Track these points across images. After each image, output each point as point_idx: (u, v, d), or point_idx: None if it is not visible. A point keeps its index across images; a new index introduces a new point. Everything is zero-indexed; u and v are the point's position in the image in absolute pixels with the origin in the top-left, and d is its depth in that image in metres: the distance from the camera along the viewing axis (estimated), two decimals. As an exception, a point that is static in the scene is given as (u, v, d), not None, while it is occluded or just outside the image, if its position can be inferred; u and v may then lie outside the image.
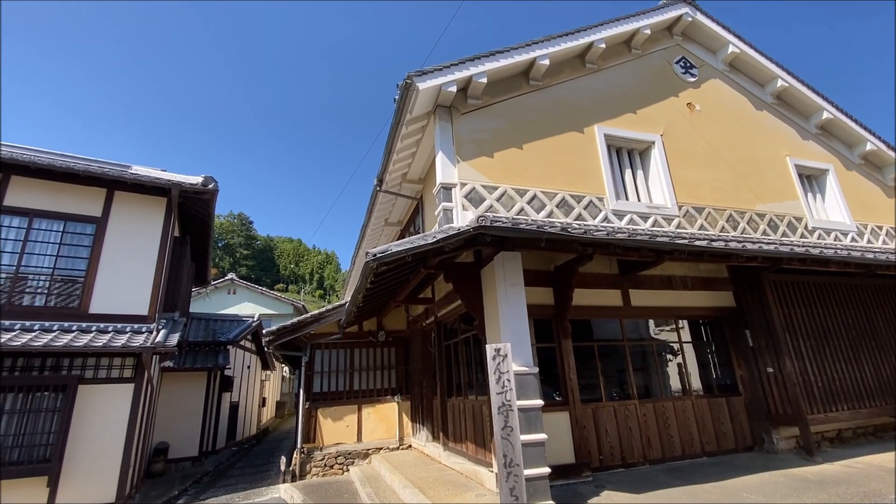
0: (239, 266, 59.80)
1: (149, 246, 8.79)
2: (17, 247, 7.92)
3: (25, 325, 7.55)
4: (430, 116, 7.11)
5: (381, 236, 11.90)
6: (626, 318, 7.21)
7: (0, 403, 7.00)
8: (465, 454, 6.95)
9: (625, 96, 8.27)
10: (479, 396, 6.52)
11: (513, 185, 6.78)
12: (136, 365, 7.91)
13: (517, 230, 4.44)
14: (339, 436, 9.43)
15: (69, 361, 7.53)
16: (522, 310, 5.17)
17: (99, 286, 8.22)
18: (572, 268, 6.07)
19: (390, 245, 4.70)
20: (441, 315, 8.08)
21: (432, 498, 5.36)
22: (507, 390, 4.14)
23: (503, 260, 5.26)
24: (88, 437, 7.40)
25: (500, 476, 4.00)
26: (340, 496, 7.00)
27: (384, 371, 10.40)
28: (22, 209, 8.12)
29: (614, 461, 6.34)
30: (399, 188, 9.18)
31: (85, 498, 7.20)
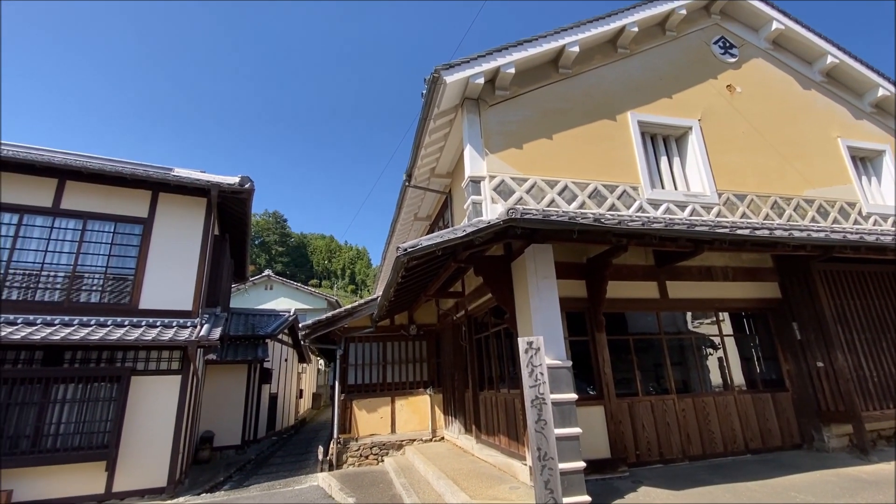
0: (274, 263, 61.73)
1: (191, 244, 9.22)
2: (74, 247, 8.49)
3: (83, 321, 8.09)
4: (458, 109, 7.09)
5: (410, 231, 12.00)
6: (662, 310, 7.00)
7: (63, 393, 7.57)
8: (497, 447, 6.96)
9: (659, 81, 7.97)
10: (512, 390, 6.51)
11: (543, 177, 6.67)
12: (182, 358, 8.34)
13: (548, 222, 4.38)
14: (374, 427, 9.64)
15: (122, 354, 8.04)
16: (554, 303, 5.10)
17: (147, 283, 8.71)
18: (606, 260, 5.94)
19: (420, 239, 4.73)
20: (471, 309, 8.09)
21: (466, 489, 5.40)
22: (540, 383, 4.11)
23: (534, 252, 5.20)
24: (141, 425, 7.88)
25: (535, 469, 3.98)
26: (376, 486, 7.15)
27: (416, 364, 10.53)
28: (77, 212, 8.68)
29: (652, 457, 6.19)
30: (427, 183, 9.21)
31: (139, 483, 7.69)
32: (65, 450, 7.34)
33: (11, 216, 8.29)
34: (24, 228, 8.31)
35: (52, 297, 8.19)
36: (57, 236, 8.45)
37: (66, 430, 7.44)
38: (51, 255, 8.34)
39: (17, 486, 7.02)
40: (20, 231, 8.27)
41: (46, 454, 7.20)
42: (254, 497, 7.44)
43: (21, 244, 8.23)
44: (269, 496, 7.39)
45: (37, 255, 8.26)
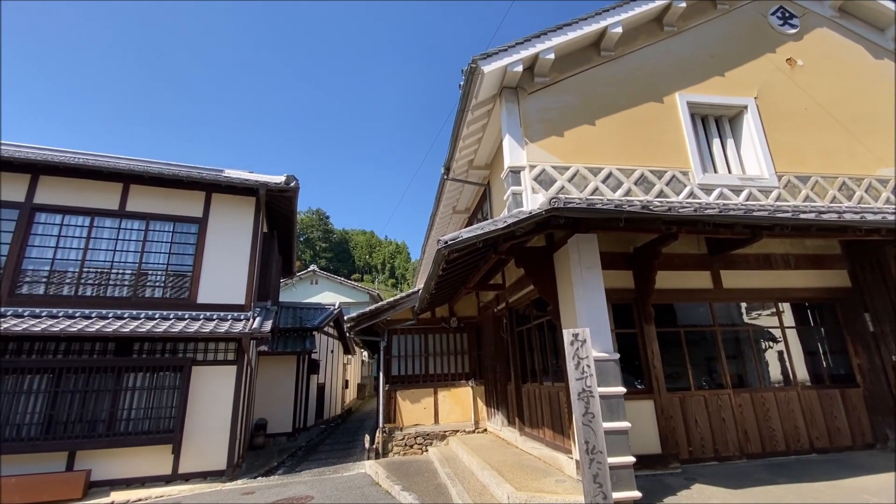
0: (318, 258, 63.75)
1: (242, 241, 9.69)
2: (139, 246, 9.13)
3: (148, 314, 8.70)
4: (496, 99, 7.00)
5: (449, 224, 12.03)
6: (716, 301, 6.66)
7: (133, 381, 8.20)
8: (542, 440, 6.90)
9: (710, 58, 7.51)
10: (556, 383, 6.42)
11: (585, 164, 6.48)
12: (237, 349, 8.81)
13: (593, 210, 4.25)
14: (417, 417, 9.81)
15: (184, 345, 8.59)
16: (600, 294, 4.96)
17: (204, 279, 9.25)
18: (654, 249, 5.70)
19: (461, 232, 4.73)
20: (512, 301, 8.02)
21: (511, 481, 5.40)
22: (587, 376, 4.02)
23: (578, 242, 5.07)
24: (201, 412, 8.41)
25: (582, 463, 3.92)
26: (421, 475, 7.28)
27: (457, 356, 10.60)
28: (140, 213, 9.32)
29: (706, 454, 5.94)
30: (466, 175, 9.18)
31: (201, 465, 8.22)
32: (136, 433, 7.96)
33: (84, 219, 9.02)
34: (95, 230, 9.03)
35: (122, 293, 8.87)
36: (123, 236, 9.13)
37: (136, 416, 8.06)
38: (119, 254, 9.02)
39: (95, 466, 7.69)
40: (92, 232, 8.99)
41: (120, 437, 7.84)
42: (306, 482, 7.78)
43: (93, 244, 8.94)
44: (320, 482, 7.69)
45: (107, 254, 8.96)
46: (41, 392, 7.71)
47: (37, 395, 7.69)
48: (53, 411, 7.67)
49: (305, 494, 6.66)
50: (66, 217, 8.93)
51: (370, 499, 6.24)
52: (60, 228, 8.84)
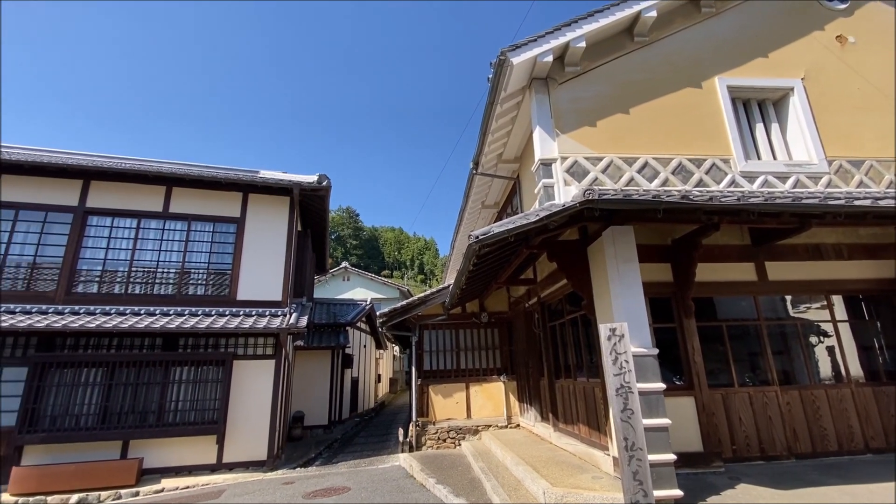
0: (349, 255, 64.95)
1: (278, 240, 9.99)
2: (181, 246, 9.56)
3: (192, 311, 9.10)
4: (525, 91, 6.90)
5: (478, 219, 11.99)
6: (761, 294, 6.36)
7: (179, 374, 8.61)
8: (577, 436, 6.81)
9: (752, 39, 7.14)
10: (591, 379, 6.31)
11: (620, 155, 6.30)
12: (275, 344, 9.11)
13: (630, 201, 4.13)
14: (450, 412, 9.86)
15: (225, 340, 8.95)
16: (637, 288, 4.83)
17: (242, 277, 9.60)
18: (694, 240, 5.50)
19: (492, 226, 4.70)
20: (544, 296, 7.93)
21: (546, 476, 5.36)
22: (626, 371, 3.93)
23: (613, 235, 4.95)
24: (242, 404, 8.75)
25: (621, 460, 3.84)
26: (455, 468, 7.33)
27: (488, 351, 10.58)
28: (182, 214, 9.75)
29: (751, 452, 5.71)
30: (495, 169, 9.11)
31: (243, 455, 8.56)
32: (183, 424, 8.37)
33: (132, 220, 9.51)
34: (142, 231, 9.51)
35: (167, 291, 9.31)
36: (168, 237, 9.57)
37: (183, 407, 8.48)
38: (164, 253, 9.47)
39: (146, 454, 8.14)
40: (139, 233, 9.47)
41: (168, 427, 8.27)
42: (342, 473, 7.97)
43: (140, 245, 9.42)
44: (356, 473, 7.87)
45: (153, 254, 9.43)
46: (97, 384, 8.21)
47: (93, 388, 8.19)
48: (108, 402, 8.15)
49: (343, 485, 6.82)
50: (115, 219, 9.44)
51: (405, 491, 6.33)
52: (110, 230, 9.36)
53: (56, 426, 7.87)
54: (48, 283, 8.80)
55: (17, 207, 9.02)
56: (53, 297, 8.72)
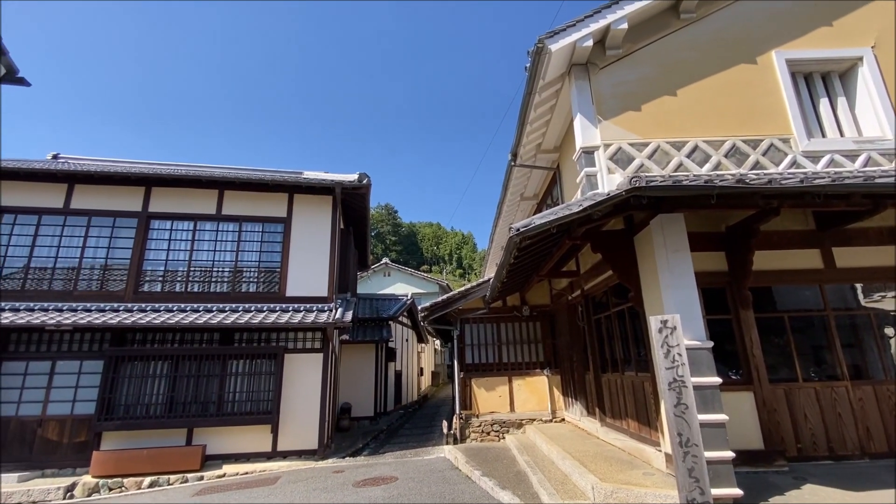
0: (389, 251, 66.04)
1: (322, 238, 10.33)
2: (234, 246, 10.08)
3: (245, 307, 9.59)
4: (565, 78, 6.72)
5: (517, 212, 11.85)
6: (827, 282, 5.91)
7: (236, 367, 9.11)
8: (625, 431, 6.63)
9: (813, 7, 6.59)
10: (640, 373, 6.11)
11: (667, 139, 6.02)
12: (322, 338, 9.45)
13: (680, 187, 3.94)
14: (493, 405, 9.87)
15: (277, 335, 9.39)
16: (689, 278, 4.62)
17: (290, 274, 10.01)
18: (751, 227, 5.18)
19: (533, 218, 4.63)
20: (588, 288, 7.74)
21: (594, 471, 5.26)
22: (678, 365, 3.78)
23: (662, 224, 4.75)
24: (294, 395, 9.14)
25: (676, 456, 3.70)
26: (500, 461, 7.34)
27: (531, 345, 10.48)
28: (234, 216, 10.27)
29: (818, 451, 5.34)
30: (534, 160, 8.96)
31: (296, 444, 8.96)
32: (240, 414, 8.87)
33: (189, 223, 10.13)
34: (198, 233, 10.10)
35: (222, 289, 9.86)
36: (221, 238, 10.12)
37: (239, 398, 8.98)
38: (218, 253, 10.03)
39: (209, 442, 8.69)
40: (195, 235, 10.07)
41: (227, 417, 8.79)
42: (389, 463, 8.18)
43: (197, 246, 10.02)
44: (403, 464, 8.05)
45: (208, 254, 10.01)
46: (163, 376, 8.85)
47: (160, 379, 8.83)
48: (174, 393, 8.76)
49: (390, 475, 7.00)
50: (174, 222, 10.09)
51: (451, 483, 6.41)
52: (170, 233, 10.01)
53: (129, 414, 8.56)
54: (118, 283, 9.54)
55: (89, 214, 9.83)
56: (123, 295, 9.45)
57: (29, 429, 8.34)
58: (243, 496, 6.44)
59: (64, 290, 9.34)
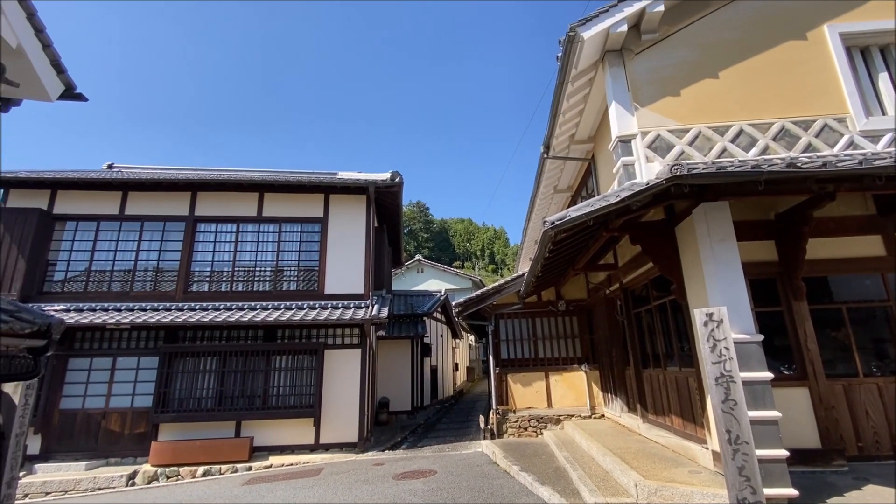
0: (421, 248, 66.58)
1: (357, 236, 10.56)
2: (274, 247, 10.47)
3: (286, 305, 9.94)
4: (598, 66, 6.54)
5: (550, 205, 11.67)
6: (892, 271, 5.50)
7: (279, 363, 9.48)
8: (668, 427, 6.44)
9: (870, -25, 6.11)
10: (683, 368, 5.91)
11: (709, 124, 5.75)
12: (360, 334, 9.67)
13: (725, 174, 3.76)
14: (530, 400, 9.80)
15: (317, 331, 9.68)
16: (736, 269, 4.42)
17: (328, 272, 10.30)
18: (803, 213, 4.89)
19: (568, 211, 4.55)
20: (627, 281, 7.54)
21: (636, 469, 5.14)
22: (726, 359, 3.63)
23: (705, 213, 4.56)
24: (334, 390, 9.42)
25: (724, 454, 3.57)
26: (538, 457, 7.29)
27: (567, 340, 10.32)
28: (274, 217, 10.66)
29: (881, 451, 5.01)
30: (567, 151, 8.79)
31: (337, 437, 9.23)
32: (284, 408, 9.23)
33: (232, 225, 10.59)
34: (241, 234, 10.55)
35: (264, 287, 10.27)
36: (262, 239, 10.54)
37: (283, 392, 9.34)
38: (260, 254, 10.45)
39: (255, 434, 9.09)
40: (238, 237, 10.52)
41: (272, 410, 9.16)
42: (427, 457, 8.29)
43: (240, 247, 10.47)
44: (441, 458, 8.13)
45: (251, 254, 10.44)
46: (212, 371, 9.32)
47: (209, 374, 9.31)
48: (222, 387, 9.22)
49: (429, 469, 7.10)
50: (218, 225, 10.58)
51: (489, 477, 6.43)
52: (215, 235, 10.51)
53: (182, 407, 9.07)
54: (169, 284, 10.11)
55: (142, 220, 10.45)
56: (174, 295, 10.01)
57: (94, 420, 8.99)
58: (289, 486, 6.70)
59: (121, 291, 9.98)
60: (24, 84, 4.08)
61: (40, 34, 4.04)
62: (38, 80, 4.13)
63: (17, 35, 3.83)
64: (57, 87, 4.34)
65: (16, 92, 4.09)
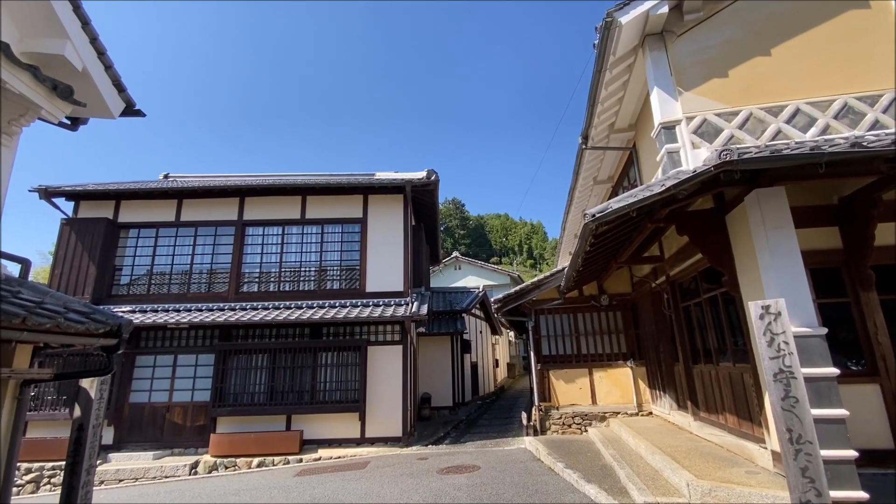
0: (458, 245, 66.72)
1: (395, 235, 10.74)
2: (317, 247, 10.84)
3: (330, 303, 10.27)
4: (638, 51, 6.30)
5: (590, 197, 11.38)
6: (977, 256, 4.98)
7: (325, 359, 9.81)
8: (722, 426, 6.14)
9: (947, -70, 5.53)
10: (738, 364, 5.62)
11: (760, 105, 5.41)
12: (401, 330, 9.84)
13: (781, 157, 3.53)
14: (573, 397, 9.63)
15: (360, 328, 9.94)
16: (795, 258, 4.14)
17: (369, 271, 10.55)
18: (871, 196, 4.51)
19: (609, 202, 4.43)
20: (674, 274, 7.24)
21: (688, 468, 4.95)
22: (785, 354, 3.42)
23: (759, 199, 4.30)
24: (377, 385, 9.64)
25: (786, 454, 3.37)
26: (583, 454, 7.17)
27: (611, 335, 10.05)
28: (317, 219, 11.04)
29: (968, 454, 4.55)
30: (606, 141, 8.53)
31: (382, 432, 9.45)
32: (331, 402, 9.55)
33: (277, 228, 11.06)
34: (286, 236, 11.00)
35: (309, 287, 10.66)
36: (306, 240, 10.94)
37: (330, 388, 9.66)
38: (304, 255, 10.85)
39: (305, 427, 9.46)
40: (284, 239, 10.97)
41: (320, 405, 9.50)
42: (470, 452, 8.34)
43: (286, 249, 10.91)
44: (483, 453, 8.16)
45: (295, 255, 10.86)
46: (263, 368, 9.78)
47: (260, 370, 9.77)
48: (273, 383, 9.65)
49: (472, 464, 7.14)
50: (265, 228, 11.07)
51: (534, 474, 6.39)
52: (262, 238, 11.01)
53: (237, 402, 9.58)
54: (222, 285, 10.69)
55: (196, 225, 11.10)
56: (227, 296, 10.57)
57: (159, 413, 9.67)
58: (338, 478, 6.94)
59: (179, 292, 10.66)
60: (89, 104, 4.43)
61: (102, 56, 4.37)
62: (101, 100, 4.48)
63: (82, 59, 4.18)
64: (118, 105, 4.69)
65: (83, 111, 4.45)
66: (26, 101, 3.52)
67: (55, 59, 3.98)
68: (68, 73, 4.08)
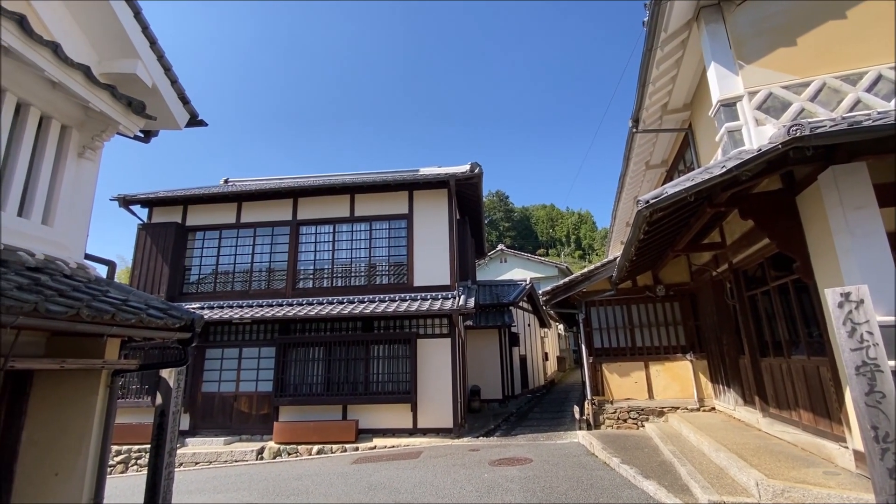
0: (503, 237, 66.05)
1: (441, 229, 10.83)
2: (367, 244, 11.17)
3: (380, 298, 10.55)
4: (692, 25, 5.92)
5: (642, 183, 10.88)
6: None
7: (377, 352, 10.11)
8: (795, 423, 5.72)
9: None
10: (812, 356, 5.20)
11: (836, 73, 4.91)
12: (449, 323, 9.94)
13: (862, 129, 3.20)
14: (628, 391, 9.32)
15: (409, 322, 10.15)
16: (879, 240, 3.76)
17: (416, 265, 10.73)
18: (973, 168, 4.00)
19: (664, 188, 4.22)
20: (737, 261, 6.79)
21: (757, 467, 4.66)
22: (869, 346, 3.12)
23: (835, 177, 3.94)
24: (427, 377, 9.81)
25: (871, 453, 3.09)
26: (640, 450, 6.93)
27: (668, 327, 9.60)
28: (365, 217, 11.37)
29: None
30: (659, 123, 8.12)
31: (433, 423, 9.62)
32: (384, 393, 9.84)
33: (328, 226, 11.49)
34: (337, 234, 11.41)
35: (359, 282, 11.02)
36: (356, 237, 11.30)
37: (382, 379, 9.96)
38: (354, 251, 11.22)
39: (360, 417, 9.81)
40: (335, 237, 11.39)
41: (373, 395, 9.82)
42: (522, 445, 8.31)
43: (337, 246, 11.33)
44: (535, 447, 8.10)
45: (346, 252, 11.25)
46: (320, 360, 10.23)
47: (317, 363, 10.23)
48: (329, 374, 10.09)
49: (524, 456, 7.12)
50: (317, 227, 11.54)
51: (588, 468, 6.27)
52: (315, 236, 11.48)
53: (297, 392, 10.11)
54: (280, 282, 11.28)
55: (254, 226, 11.77)
56: (284, 292, 11.14)
57: (228, 402, 10.39)
58: (392, 467, 7.17)
59: (242, 290, 11.37)
60: (159, 117, 4.80)
61: (168, 72, 4.72)
62: (169, 112, 4.84)
63: (151, 76, 4.53)
64: (184, 116, 5.05)
65: (153, 124, 4.83)
66: (106, 118, 3.87)
67: (128, 78, 4.34)
68: (140, 90, 4.44)
